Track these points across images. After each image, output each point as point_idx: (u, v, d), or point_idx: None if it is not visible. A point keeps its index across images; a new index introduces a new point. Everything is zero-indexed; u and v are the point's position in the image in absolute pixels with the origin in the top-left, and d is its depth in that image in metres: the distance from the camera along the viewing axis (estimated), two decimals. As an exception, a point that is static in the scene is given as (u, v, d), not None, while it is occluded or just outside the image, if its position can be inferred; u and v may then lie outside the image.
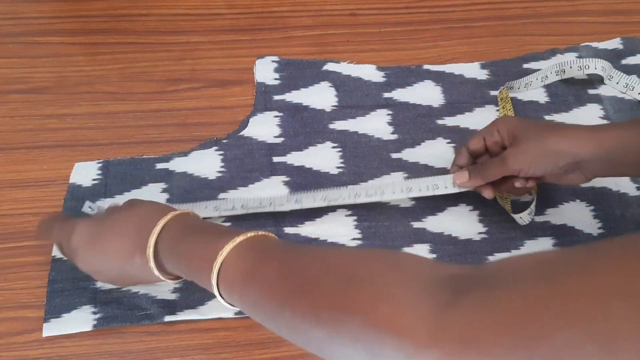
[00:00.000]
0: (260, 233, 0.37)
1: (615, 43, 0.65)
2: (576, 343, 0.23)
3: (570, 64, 0.59)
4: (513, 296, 0.25)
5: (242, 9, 0.65)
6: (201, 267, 0.37)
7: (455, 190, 0.48)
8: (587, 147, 0.43)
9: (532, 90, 0.60)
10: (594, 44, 0.65)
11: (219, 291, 0.36)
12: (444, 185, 0.48)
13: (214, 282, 0.36)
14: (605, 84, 0.61)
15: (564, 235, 0.51)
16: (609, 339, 0.23)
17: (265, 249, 0.36)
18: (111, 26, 0.63)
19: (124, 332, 0.45)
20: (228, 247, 0.35)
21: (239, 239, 0.36)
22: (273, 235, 0.38)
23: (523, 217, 0.50)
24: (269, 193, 0.51)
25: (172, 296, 0.46)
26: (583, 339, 0.23)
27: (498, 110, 0.58)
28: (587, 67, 0.59)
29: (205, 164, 0.53)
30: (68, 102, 0.57)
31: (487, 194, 0.48)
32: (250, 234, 0.36)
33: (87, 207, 0.50)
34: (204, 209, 0.49)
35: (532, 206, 0.50)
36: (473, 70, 0.62)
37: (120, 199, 0.50)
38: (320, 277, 0.32)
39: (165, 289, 0.46)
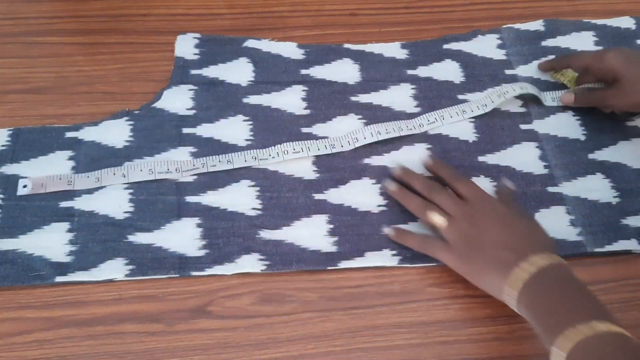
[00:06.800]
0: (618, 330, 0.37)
1: (537, 25, 0.66)
2: None
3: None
4: None
5: (241, 9, 0.65)
6: (551, 329, 0.38)
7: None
8: None
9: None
10: (516, 26, 0.65)
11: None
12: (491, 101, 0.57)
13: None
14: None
15: None
16: None
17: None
18: (111, 26, 0.63)
19: (124, 333, 0.45)
20: (580, 331, 0.37)
21: (600, 327, 0.37)
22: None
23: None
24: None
25: (67, 259, 0.47)
26: None
27: (556, 79, 0.61)
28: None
29: (114, 133, 0.54)
30: (67, 102, 0.56)
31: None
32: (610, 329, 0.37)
33: (22, 186, 0.50)
34: (112, 176, 0.50)
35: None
36: (393, 50, 0.63)
37: (26, 165, 0.51)
38: None
39: (60, 252, 0.47)
